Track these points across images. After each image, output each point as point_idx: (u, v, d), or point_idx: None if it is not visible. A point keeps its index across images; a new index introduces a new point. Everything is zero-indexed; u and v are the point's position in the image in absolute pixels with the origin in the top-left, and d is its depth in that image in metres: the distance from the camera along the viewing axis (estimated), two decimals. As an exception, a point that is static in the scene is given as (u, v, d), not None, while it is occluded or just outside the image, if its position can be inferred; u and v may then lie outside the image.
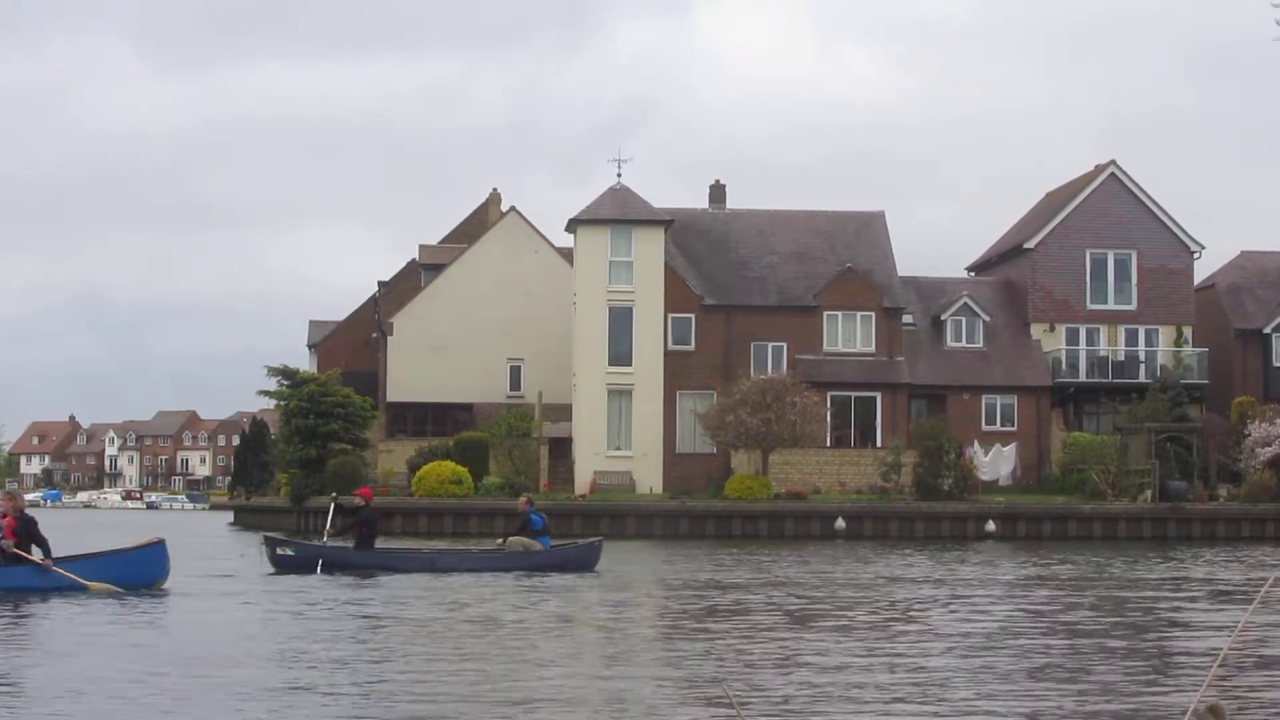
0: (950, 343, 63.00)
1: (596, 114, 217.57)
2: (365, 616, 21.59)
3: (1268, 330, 64.98)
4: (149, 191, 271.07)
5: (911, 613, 22.79)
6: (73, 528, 58.24)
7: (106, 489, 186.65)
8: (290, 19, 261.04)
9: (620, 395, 59.35)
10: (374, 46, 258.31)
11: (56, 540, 25.73)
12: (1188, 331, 63.95)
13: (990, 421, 60.98)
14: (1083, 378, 63.28)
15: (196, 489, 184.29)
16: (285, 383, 61.58)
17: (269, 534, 33.11)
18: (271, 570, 30.45)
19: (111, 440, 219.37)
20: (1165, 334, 63.91)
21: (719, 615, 21.89)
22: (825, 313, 61.11)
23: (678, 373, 59.95)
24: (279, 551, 31.06)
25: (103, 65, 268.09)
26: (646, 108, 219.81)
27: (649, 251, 59.94)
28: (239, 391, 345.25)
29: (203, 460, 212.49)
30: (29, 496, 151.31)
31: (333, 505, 34.01)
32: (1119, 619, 22.19)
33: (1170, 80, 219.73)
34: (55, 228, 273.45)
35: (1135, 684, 15.01)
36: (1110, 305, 64.19)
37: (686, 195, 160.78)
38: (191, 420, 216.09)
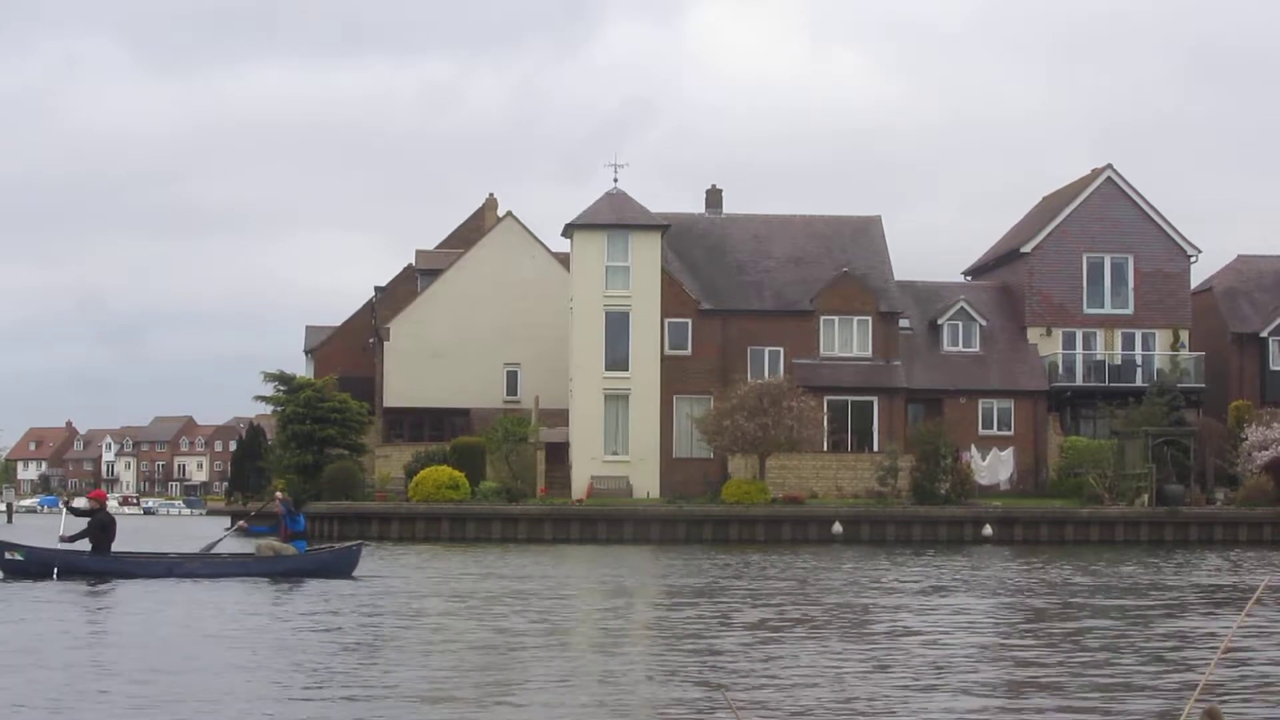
0: (947, 347, 62.99)
1: (592, 117, 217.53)
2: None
3: (1264, 334, 64.95)
4: (144, 196, 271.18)
5: (898, 619, 22.75)
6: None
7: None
8: (283, 21, 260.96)
9: (617, 400, 59.34)
10: (368, 49, 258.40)
11: None
12: (1185, 335, 63.94)
13: (987, 426, 60.98)
14: (1079, 382, 63.26)
15: (193, 494, 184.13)
16: (282, 388, 61.54)
17: None
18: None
19: (109, 446, 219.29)
20: (1162, 338, 63.91)
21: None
22: (822, 317, 61.11)
23: (674, 377, 59.94)
24: (7, 556, 29.51)
25: (93, 68, 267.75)
26: (642, 111, 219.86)
27: (646, 256, 59.94)
28: (236, 397, 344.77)
29: (200, 466, 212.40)
30: (25, 503, 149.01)
31: (65, 510, 32.30)
32: (1110, 624, 22.17)
33: (1167, 84, 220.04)
34: (50, 232, 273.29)
35: (1127, 691, 14.98)
36: (1107, 309, 64.19)
37: (683, 200, 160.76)
38: (188, 426, 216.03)
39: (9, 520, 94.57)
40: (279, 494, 34.74)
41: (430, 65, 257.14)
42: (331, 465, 57.13)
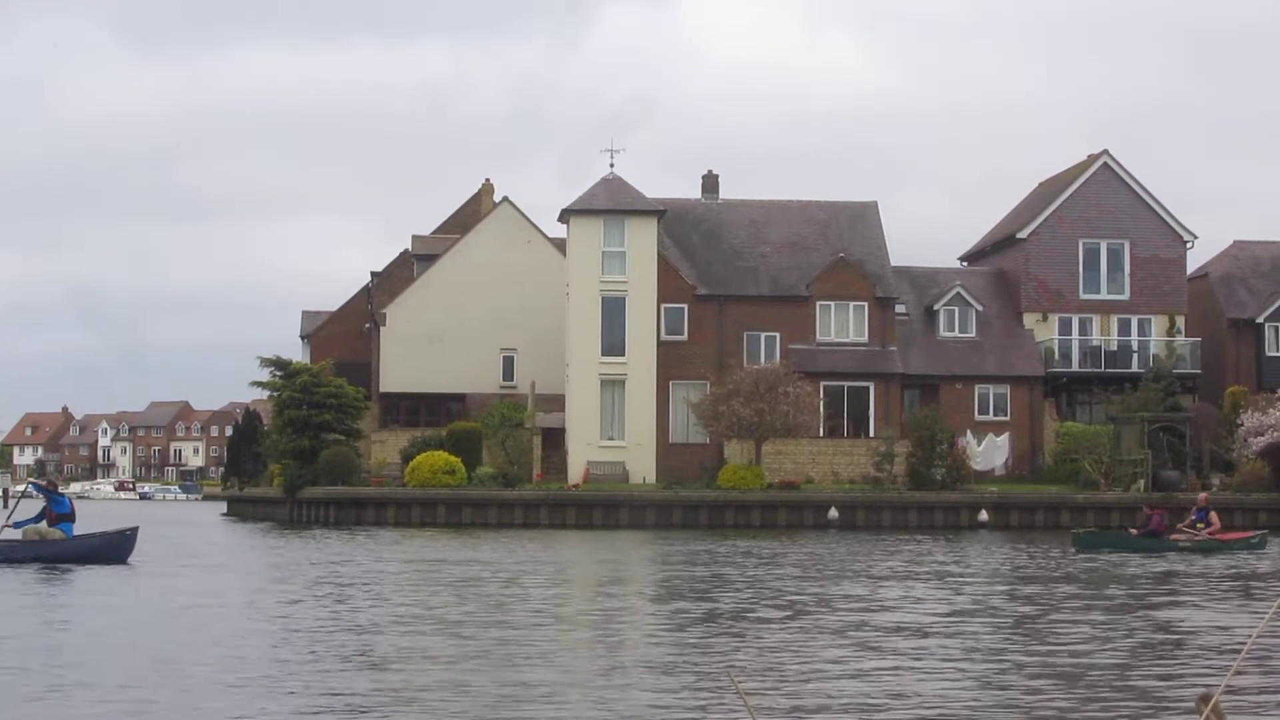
0: (943, 332, 62.98)
1: (587, 104, 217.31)
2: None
3: (1260, 320, 64.99)
4: (139, 181, 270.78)
5: (893, 605, 22.79)
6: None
7: (100, 480, 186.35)
8: (277, 3, 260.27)
9: (613, 385, 59.32)
10: (363, 33, 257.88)
11: None
12: (1180, 321, 63.96)
13: (983, 411, 60.97)
14: (1075, 367, 63.28)
15: (189, 480, 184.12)
16: (278, 373, 61.54)
17: None
18: None
19: (104, 431, 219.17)
20: (1158, 324, 63.93)
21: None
22: (818, 303, 61.09)
23: (671, 363, 59.91)
24: None
25: (79, 52, 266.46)
26: (637, 98, 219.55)
27: (642, 241, 59.89)
28: (232, 382, 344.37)
29: (196, 451, 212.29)
30: (20, 488, 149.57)
31: None
32: (1112, 616, 22.21)
33: (1163, 70, 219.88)
34: (44, 219, 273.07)
35: (1131, 683, 15.00)
36: (1103, 295, 64.18)
37: (679, 186, 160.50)
38: (184, 411, 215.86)
39: (4, 505, 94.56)
40: (45, 478, 33.97)
41: (426, 51, 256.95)
42: (328, 450, 57.12)
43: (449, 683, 14.07)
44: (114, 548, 30.31)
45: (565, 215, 60.36)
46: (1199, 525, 37.37)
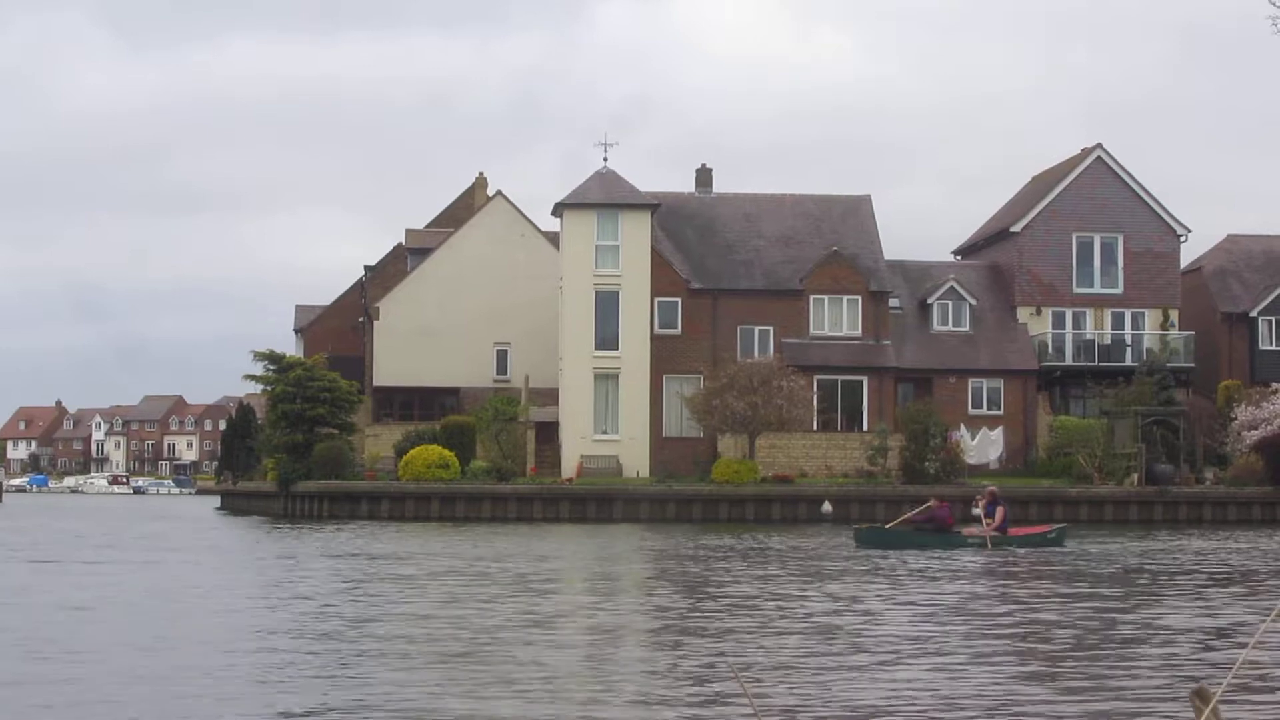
0: (937, 326, 63.04)
1: (583, 98, 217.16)
2: None
3: (1254, 313, 65.08)
4: (132, 175, 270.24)
5: (891, 601, 22.78)
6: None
7: (93, 474, 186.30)
8: None
9: (607, 379, 59.29)
10: (356, 25, 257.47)
11: None
12: (1174, 315, 64.02)
13: (977, 405, 61.04)
14: (1069, 361, 63.34)
15: (184, 474, 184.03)
16: (272, 367, 61.45)
17: None
18: None
19: (98, 425, 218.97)
20: (1152, 317, 64.00)
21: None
22: (812, 296, 61.11)
23: (664, 357, 59.91)
24: None
25: (71, 46, 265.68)
26: (632, 93, 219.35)
27: (636, 235, 59.85)
28: (226, 376, 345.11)
29: (190, 445, 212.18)
30: (15, 482, 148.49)
31: None
32: (1100, 612, 22.21)
33: (1157, 63, 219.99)
34: (37, 212, 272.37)
35: (1121, 680, 14.99)
36: (1097, 289, 64.25)
37: (673, 180, 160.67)
38: (178, 405, 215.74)
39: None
40: None
41: (421, 44, 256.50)
42: (321, 444, 57.08)
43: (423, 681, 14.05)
44: None
45: (559, 209, 60.31)
46: (986, 520, 35.91)
